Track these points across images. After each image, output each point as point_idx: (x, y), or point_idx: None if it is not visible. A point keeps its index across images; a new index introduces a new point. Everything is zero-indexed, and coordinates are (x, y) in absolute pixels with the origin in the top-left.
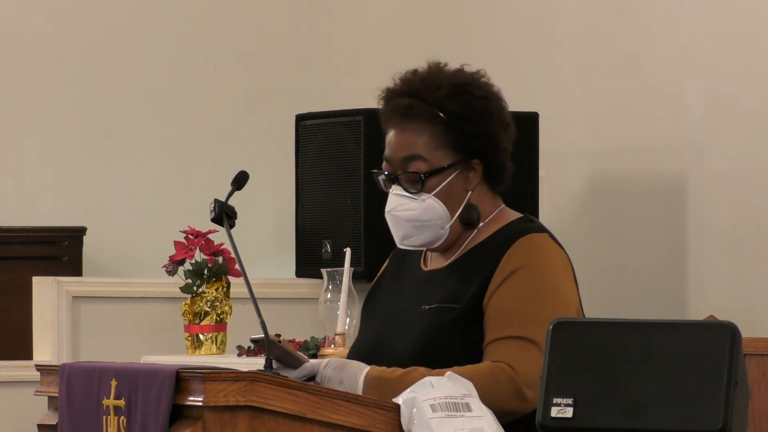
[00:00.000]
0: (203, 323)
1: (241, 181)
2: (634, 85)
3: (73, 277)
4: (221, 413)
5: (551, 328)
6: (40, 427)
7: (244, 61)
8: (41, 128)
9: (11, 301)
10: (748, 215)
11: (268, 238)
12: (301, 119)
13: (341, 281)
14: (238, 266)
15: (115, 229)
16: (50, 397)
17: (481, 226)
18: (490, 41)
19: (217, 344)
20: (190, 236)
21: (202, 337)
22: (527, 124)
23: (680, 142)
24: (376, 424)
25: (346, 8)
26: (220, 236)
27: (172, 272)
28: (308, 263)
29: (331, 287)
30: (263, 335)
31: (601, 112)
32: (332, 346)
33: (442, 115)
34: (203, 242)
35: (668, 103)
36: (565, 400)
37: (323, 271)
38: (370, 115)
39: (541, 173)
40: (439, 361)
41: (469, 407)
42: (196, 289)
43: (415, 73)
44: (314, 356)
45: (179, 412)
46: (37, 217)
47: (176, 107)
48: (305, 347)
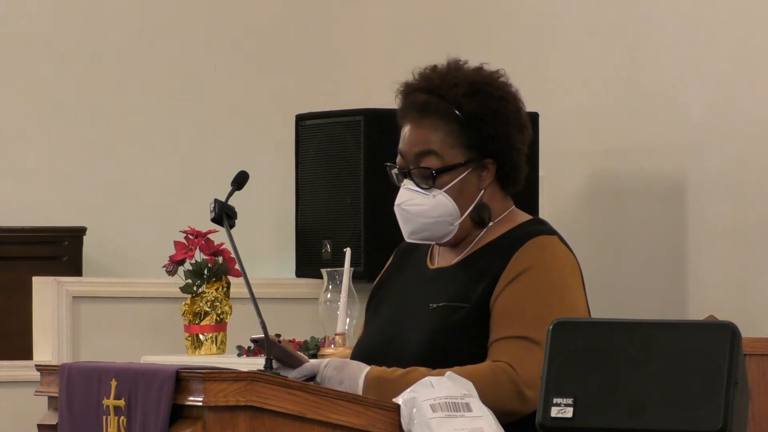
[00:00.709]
0: (203, 323)
1: (241, 181)
2: (634, 85)
3: (73, 277)
4: (221, 413)
5: (551, 328)
6: (40, 427)
7: (244, 61)
8: (41, 128)
9: (11, 301)
10: (748, 215)
11: (268, 238)
12: (301, 119)
13: (341, 281)
14: (238, 266)
15: (115, 229)
16: (50, 397)
17: (491, 225)
18: (490, 41)
19: (217, 344)
20: (190, 236)
21: (202, 337)
22: None
23: (680, 142)
24: (376, 424)
25: (346, 8)
26: (220, 236)
27: (172, 272)
28: (308, 263)
29: (331, 287)
30: (263, 335)
31: (601, 112)
32: (332, 346)
33: (458, 113)
34: (203, 242)
35: (668, 103)
36: (565, 400)
37: (323, 271)
38: (370, 115)
39: (541, 173)
40: (447, 359)
41: (469, 407)
42: (196, 289)
43: (434, 69)
44: (314, 356)
45: (179, 412)
46: (37, 217)
47: (176, 107)
48: (305, 347)
